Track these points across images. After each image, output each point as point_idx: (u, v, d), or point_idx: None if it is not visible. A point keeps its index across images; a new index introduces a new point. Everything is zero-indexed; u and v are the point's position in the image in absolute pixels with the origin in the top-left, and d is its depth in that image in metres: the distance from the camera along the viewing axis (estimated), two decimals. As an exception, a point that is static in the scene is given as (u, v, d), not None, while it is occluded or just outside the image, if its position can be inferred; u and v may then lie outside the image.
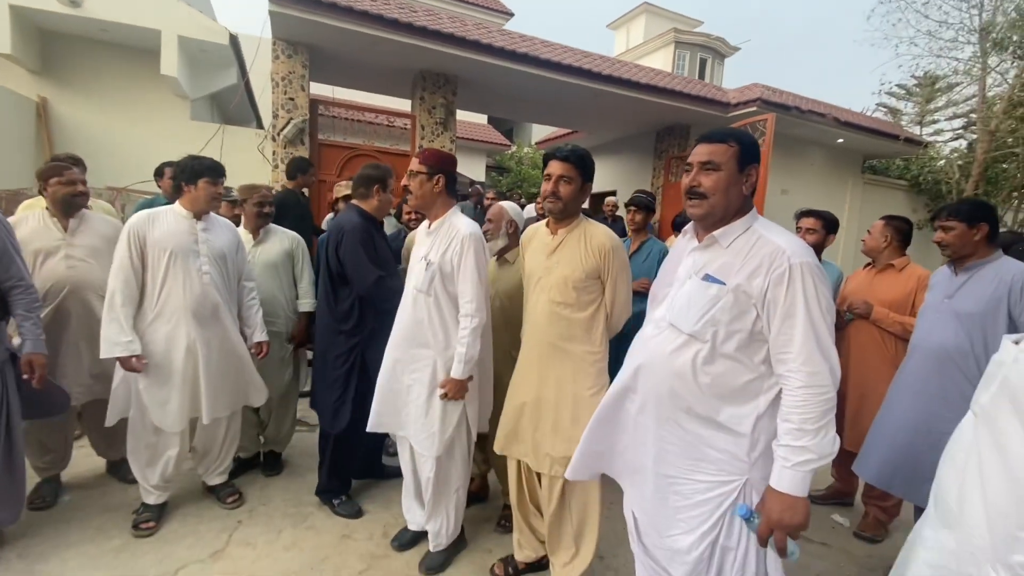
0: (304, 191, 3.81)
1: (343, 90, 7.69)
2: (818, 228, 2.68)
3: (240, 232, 2.58)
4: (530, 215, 3.54)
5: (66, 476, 2.52)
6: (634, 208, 3.18)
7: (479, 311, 1.90)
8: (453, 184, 2.04)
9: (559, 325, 1.78)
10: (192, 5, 5.53)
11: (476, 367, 1.97)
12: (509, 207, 2.38)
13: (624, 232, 3.91)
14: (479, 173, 12.60)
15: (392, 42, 5.24)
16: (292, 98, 5.44)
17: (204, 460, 2.45)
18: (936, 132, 11.84)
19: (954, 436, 1.06)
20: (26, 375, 1.96)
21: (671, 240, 3.88)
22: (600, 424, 1.47)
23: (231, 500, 2.44)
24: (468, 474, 2.13)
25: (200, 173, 2.22)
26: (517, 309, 2.08)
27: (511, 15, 13.89)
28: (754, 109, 6.81)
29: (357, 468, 2.59)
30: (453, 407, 1.97)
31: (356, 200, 2.37)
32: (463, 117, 9.67)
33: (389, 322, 2.09)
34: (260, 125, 8.32)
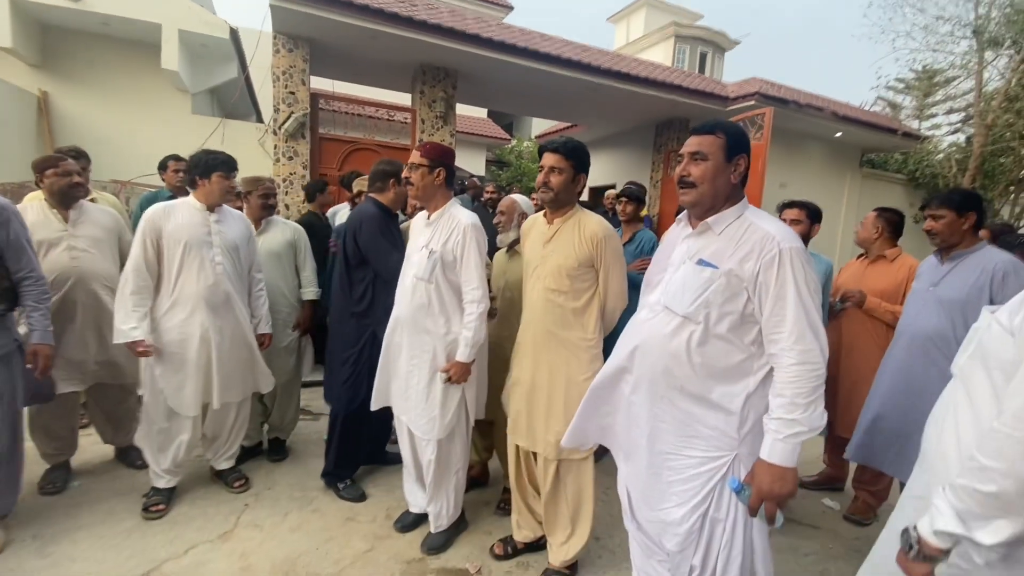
0: (324, 213, 3.88)
1: (343, 84, 7.71)
2: (803, 219, 2.70)
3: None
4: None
5: (75, 463, 2.58)
6: (625, 199, 3.23)
7: (484, 297, 1.98)
8: (452, 177, 2.10)
9: (554, 312, 1.84)
10: (192, -1, 5.55)
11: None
12: (521, 200, 2.44)
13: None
14: (479, 167, 12.61)
15: (392, 36, 5.27)
16: (293, 92, 5.47)
17: (213, 445, 2.51)
18: (934, 126, 11.87)
19: (938, 401, 1.17)
20: (30, 365, 2.00)
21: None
22: (595, 399, 1.53)
23: (238, 484, 2.50)
24: (467, 456, 2.20)
25: (214, 167, 2.29)
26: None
27: (511, 8, 13.85)
28: (753, 103, 6.84)
29: (363, 454, 2.65)
30: (453, 391, 2.03)
31: (373, 193, 2.49)
32: (463, 111, 9.66)
33: None
34: (260, 119, 8.33)
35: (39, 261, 2.23)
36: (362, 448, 2.58)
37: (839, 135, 8.26)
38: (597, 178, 9.67)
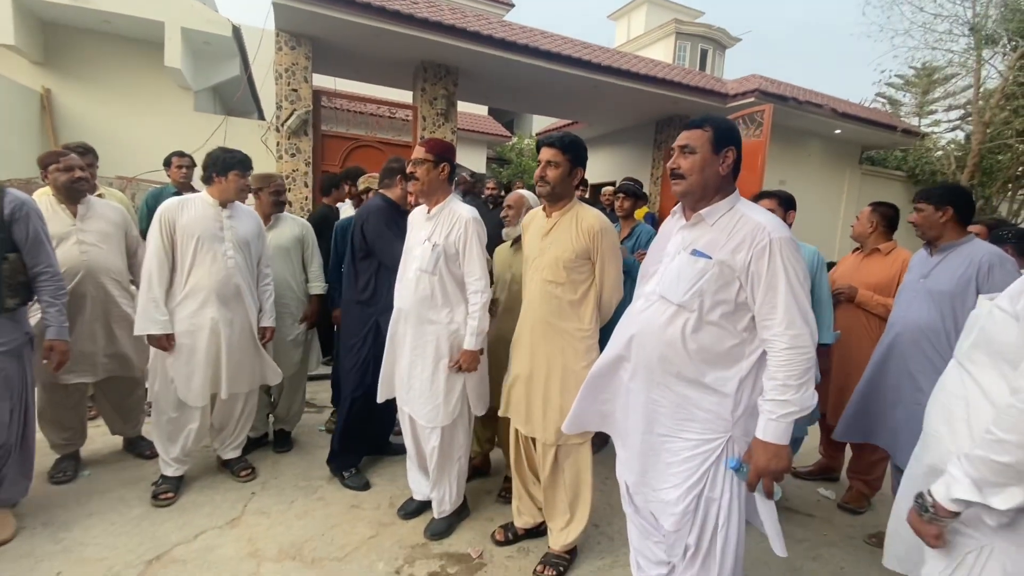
0: (338, 206, 3.95)
1: (345, 81, 7.75)
2: (775, 207, 2.72)
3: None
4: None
5: (84, 453, 2.63)
6: (622, 195, 3.27)
7: (487, 287, 2.05)
8: (454, 172, 2.15)
9: (551, 303, 1.89)
10: (195, -4, 5.59)
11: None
12: (528, 195, 2.48)
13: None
14: (480, 164, 12.64)
15: (394, 33, 5.31)
16: (295, 89, 5.51)
17: (220, 435, 2.56)
18: (934, 123, 11.90)
19: (938, 386, 1.24)
20: (46, 359, 2.05)
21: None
22: (594, 386, 1.59)
23: (244, 474, 2.56)
24: (469, 443, 2.26)
25: (232, 166, 2.35)
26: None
27: (512, 6, 13.88)
28: (752, 100, 6.88)
29: (368, 444, 2.71)
30: (456, 380, 2.08)
31: (382, 189, 2.59)
32: (464, 108, 9.70)
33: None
34: (262, 116, 8.38)
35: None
36: (367, 435, 2.64)
37: (839, 132, 8.30)
38: (598, 175, 9.71)
